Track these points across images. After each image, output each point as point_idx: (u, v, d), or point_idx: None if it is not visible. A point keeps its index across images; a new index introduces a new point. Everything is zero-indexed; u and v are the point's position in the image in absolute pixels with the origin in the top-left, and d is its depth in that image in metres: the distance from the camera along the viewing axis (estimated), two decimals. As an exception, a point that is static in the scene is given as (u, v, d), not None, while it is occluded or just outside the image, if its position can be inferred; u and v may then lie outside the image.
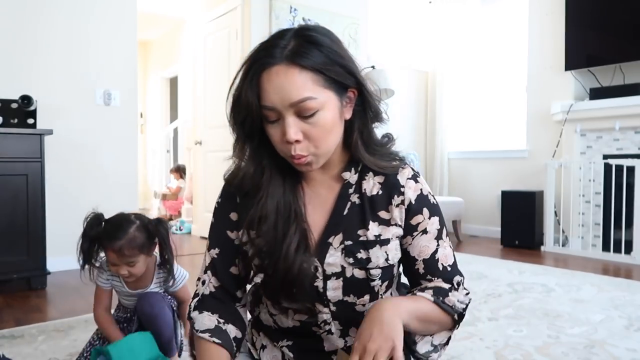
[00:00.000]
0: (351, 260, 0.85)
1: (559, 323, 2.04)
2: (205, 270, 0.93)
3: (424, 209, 0.88)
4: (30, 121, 2.81)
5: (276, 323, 0.93)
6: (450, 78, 5.01)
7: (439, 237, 0.89)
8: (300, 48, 0.76)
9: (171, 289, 1.56)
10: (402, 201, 0.87)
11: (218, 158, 4.25)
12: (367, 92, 0.84)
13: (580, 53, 3.87)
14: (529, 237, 3.98)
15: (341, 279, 0.85)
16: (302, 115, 0.77)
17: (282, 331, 0.93)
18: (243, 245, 0.89)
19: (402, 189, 0.87)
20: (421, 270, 0.89)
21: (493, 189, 4.63)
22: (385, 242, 0.86)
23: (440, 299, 0.85)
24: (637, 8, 3.54)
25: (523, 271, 3.05)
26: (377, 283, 0.86)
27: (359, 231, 0.86)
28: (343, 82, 0.80)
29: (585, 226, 3.83)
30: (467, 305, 0.90)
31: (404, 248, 0.90)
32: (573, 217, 3.84)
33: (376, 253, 0.85)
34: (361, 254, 0.85)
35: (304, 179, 0.90)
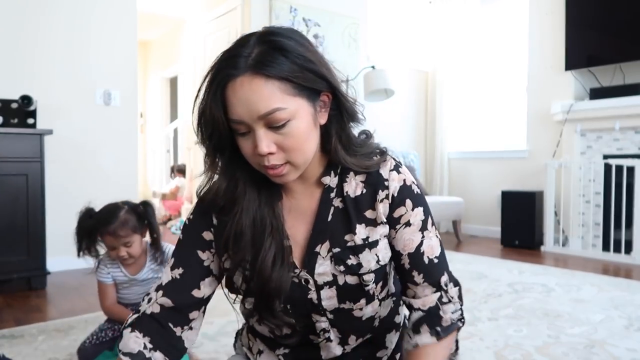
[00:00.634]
0: (342, 267, 0.82)
1: (559, 323, 2.04)
2: (157, 288, 0.86)
3: (407, 200, 0.84)
4: (30, 121, 2.81)
5: (272, 332, 0.90)
6: (450, 78, 5.01)
7: (424, 228, 0.85)
8: (264, 56, 0.72)
9: (164, 266, 1.61)
10: (387, 195, 0.83)
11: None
12: (341, 95, 0.80)
13: (580, 53, 3.87)
14: (529, 237, 3.98)
15: (334, 287, 0.83)
16: (273, 126, 0.73)
17: (279, 340, 0.91)
18: (226, 271, 0.85)
19: (386, 183, 0.83)
20: (406, 265, 0.85)
21: (493, 189, 4.63)
22: (374, 245, 0.83)
23: (438, 331, 0.83)
24: (637, 8, 3.54)
25: (523, 271, 3.05)
26: (372, 287, 0.84)
27: (346, 236, 0.83)
28: (314, 88, 0.76)
29: (585, 226, 3.83)
30: (462, 308, 0.87)
31: (389, 242, 0.87)
32: (573, 217, 3.84)
33: (366, 257, 0.83)
34: (351, 260, 0.82)
35: (283, 190, 0.86)
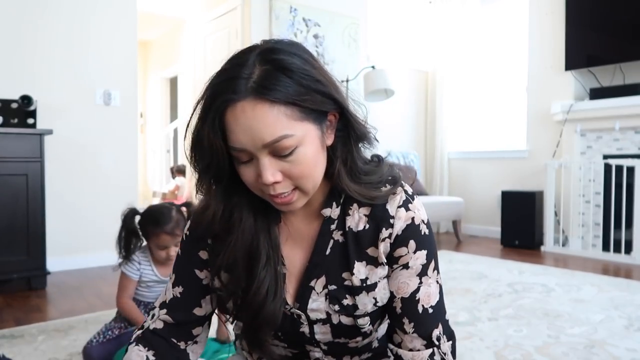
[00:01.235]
0: (337, 307, 0.77)
1: (559, 323, 2.04)
2: (161, 305, 0.84)
3: (410, 242, 0.76)
4: (30, 121, 2.81)
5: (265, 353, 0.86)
6: (450, 78, 5.01)
7: (423, 274, 0.77)
8: (267, 78, 0.65)
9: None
10: (390, 234, 0.76)
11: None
12: (350, 115, 0.73)
13: (580, 53, 3.87)
14: (529, 237, 3.98)
15: (328, 325, 0.78)
16: (279, 154, 0.67)
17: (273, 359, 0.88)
18: (218, 291, 0.82)
19: (392, 220, 0.75)
20: (398, 309, 0.77)
21: (493, 189, 4.63)
22: (372, 287, 0.77)
23: None
24: (637, 8, 3.54)
25: (523, 271, 3.05)
26: (368, 328, 0.80)
27: (344, 274, 0.77)
28: (322, 110, 0.69)
29: (585, 226, 3.83)
30: (454, 348, 0.80)
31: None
32: (573, 217, 3.84)
33: (363, 300, 0.77)
34: (347, 300, 0.77)
35: (282, 213, 0.80)
